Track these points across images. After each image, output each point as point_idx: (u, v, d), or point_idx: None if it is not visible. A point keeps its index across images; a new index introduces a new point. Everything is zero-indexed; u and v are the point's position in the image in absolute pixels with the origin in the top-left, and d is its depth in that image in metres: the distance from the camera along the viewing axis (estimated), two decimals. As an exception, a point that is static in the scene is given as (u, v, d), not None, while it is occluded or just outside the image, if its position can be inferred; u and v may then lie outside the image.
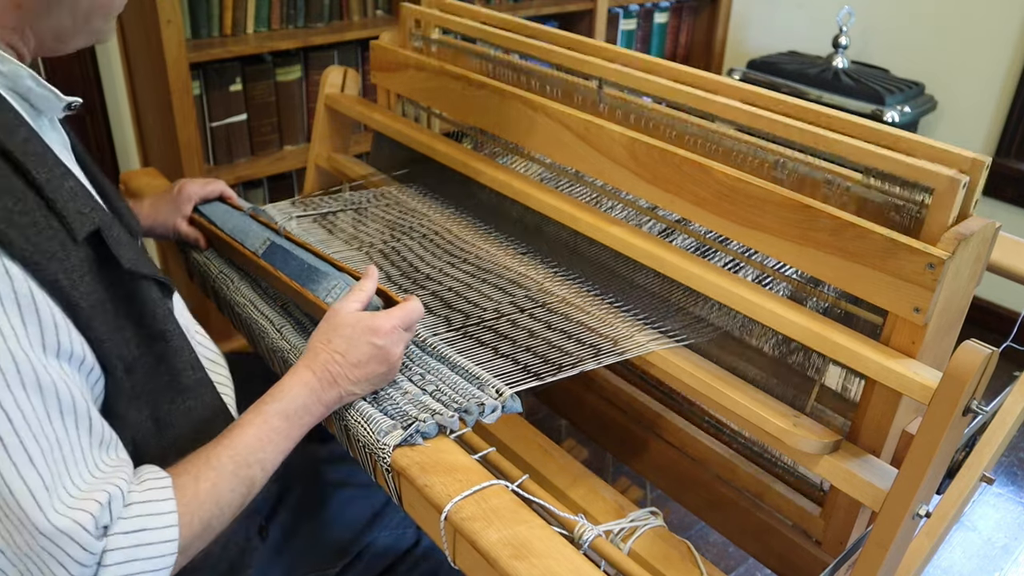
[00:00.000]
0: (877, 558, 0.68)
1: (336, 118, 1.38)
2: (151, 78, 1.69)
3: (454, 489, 0.71)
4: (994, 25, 2.09)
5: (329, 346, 0.76)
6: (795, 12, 2.49)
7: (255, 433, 0.70)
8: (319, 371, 0.75)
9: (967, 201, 0.73)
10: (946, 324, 0.77)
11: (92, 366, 0.63)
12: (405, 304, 0.81)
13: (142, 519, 0.60)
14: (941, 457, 0.64)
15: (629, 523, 0.83)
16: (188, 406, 0.73)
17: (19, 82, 0.64)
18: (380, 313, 0.79)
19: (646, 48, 2.58)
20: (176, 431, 0.72)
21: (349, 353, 0.76)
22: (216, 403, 0.77)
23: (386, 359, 0.78)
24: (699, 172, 0.88)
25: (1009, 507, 1.77)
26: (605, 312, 0.94)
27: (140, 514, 0.60)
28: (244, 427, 0.70)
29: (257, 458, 0.69)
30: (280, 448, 0.72)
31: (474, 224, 1.15)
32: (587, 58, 1.02)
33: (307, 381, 0.75)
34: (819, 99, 2.13)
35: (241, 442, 0.69)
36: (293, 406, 0.73)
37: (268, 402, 0.73)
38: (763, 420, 0.80)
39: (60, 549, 0.56)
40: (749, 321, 0.86)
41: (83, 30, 0.68)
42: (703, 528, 1.64)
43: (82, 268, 0.62)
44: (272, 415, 0.72)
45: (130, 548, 0.59)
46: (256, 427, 0.71)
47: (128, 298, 0.67)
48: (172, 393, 0.70)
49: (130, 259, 0.66)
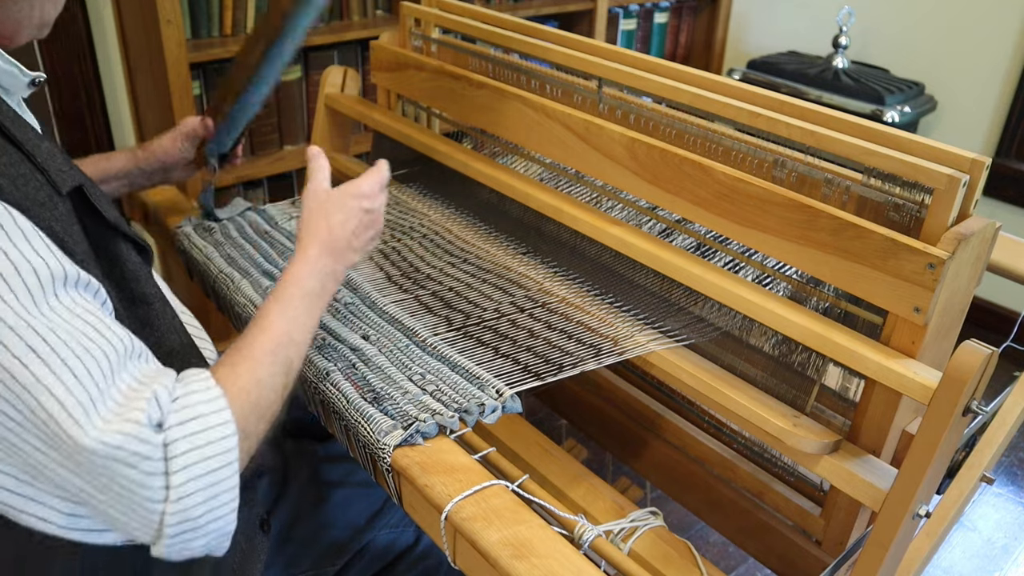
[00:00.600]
0: (877, 558, 0.68)
1: (336, 118, 1.38)
2: (151, 78, 1.69)
3: (454, 489, 0.71)
4: (994, 25, 2.09)
5: (328, 221, 0.78)
6: (795, 12, 2.49)
7: (281, 318, 0.71)
8: (325, 248, 0.77)
9: (967, 201, 0.73)
10: (946, 324, 0.77)
11: (98, 288, 0.64)
12: (374, 168, 0.85)
13: (193, 408, 0.61)
14: (941, 457, 0.64)
15: (629, 523, 0.83)
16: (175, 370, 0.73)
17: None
18: (359, 179, 0.82)
19: (646, 48, 2.58)
20: None
21: (348, 222, 0.79)
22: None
23: (376, 222, 0.83)
24: (699, 172, 0.88)
25: (1009, 507, 1.77)
26: (605, 312, 0.94)
27: (189, 404, 0.61)
28: (269, 315, 0.71)
29: (290, 339, 0.71)
30: (308, 327, 0.73)
31: (474, 224, 1.15)
32: (587, 58, 1.02)
33: (317, 259, 0.76)
34: (819, 99, 2.13)
35: (270, 328, 0.70)
36: (310, 285, 0.75)
37: (285, 287, 0.74)
38: (763, 420, 0.80)
39: (124, 453, 0.57)
40: (749, 321, 0.86)
41: (36, 22, 0.69)
42: (703, 528, 1.64)
43: (70, 219, 0.63)
44: (294, 298, 0.73)
45: (191, 436, 0.59)
46: (280, 312, 0.72)
47: (110, 259, 0.68)
48: (158, 357, 0.70)
49: (113, 216, 0.67)
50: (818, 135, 0.80)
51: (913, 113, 2.09)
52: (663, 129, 0.95)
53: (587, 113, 1.01)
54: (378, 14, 2.00)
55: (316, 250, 0.77)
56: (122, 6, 1.72)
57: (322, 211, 0.79)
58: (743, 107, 0.86)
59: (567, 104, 1.05)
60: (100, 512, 0.60)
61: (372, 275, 1.04)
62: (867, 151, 0.77)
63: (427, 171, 1.26)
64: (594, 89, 1.02)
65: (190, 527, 0.60)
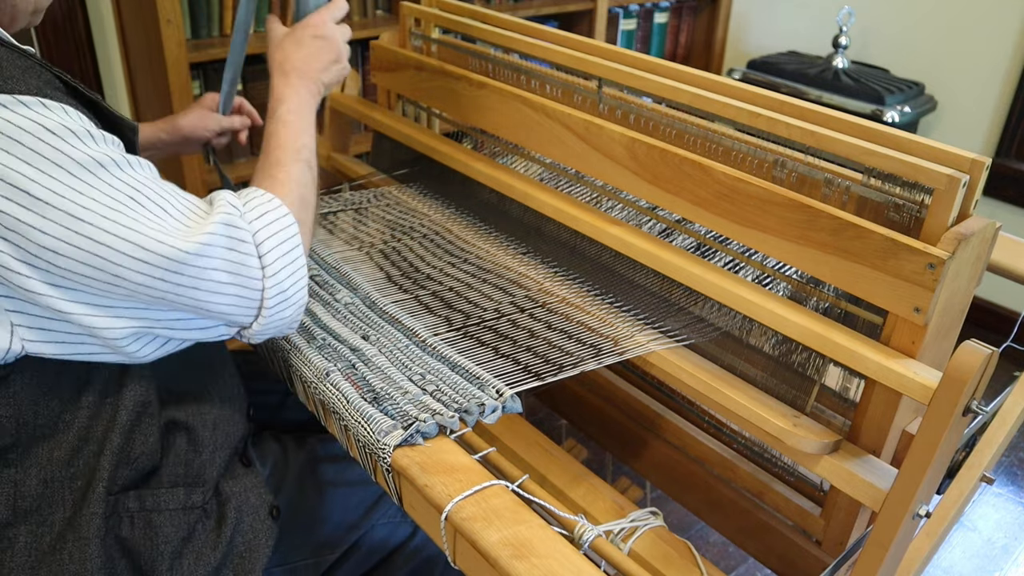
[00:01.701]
0: (877, 558, 0.68)
1: (336, 118, 1.38)
2: (151, 78, 1.69)
3: (454, 489, 0.71)
4: (994, 25, 2.09)
5: (287, 54, 0.93)
6: (795, 12, 2.49)
7: (286, 129, 0.85)
8: (294, 74, 0.91)
9: (967, 201, 0.73)
10: (946, 324, 0.77)
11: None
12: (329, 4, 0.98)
13: (259, 207, 0.74)
14: (941, 457, 0.64)
15: (629, 523, 0.83)
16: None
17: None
18: (309, 15, 0.96)
19: (646, 48, 2.58)
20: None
21: (301, 49, 0.93)
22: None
23: (332, 47, 0.95)
24: (699, 172, 0.88)
25: (1009, 507, 1.77)
26: (605, 312, 0.94)
27: (256, 206, 0.74)
28: (276, 133, 0.85)
29: (302, 143, 0.85)
30: (308, 132, 0.87)
31: (474, 224, 1.15)
32: (587, 58, 1.02)
33: (291, 83, 0.90)
34: (819, 99, 2.13)
35: (283, 140, 0.84)
36: (296, 102, 0.89)
37: (276, 110, 0.88)
38: (763, 420, 0.80)
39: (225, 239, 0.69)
40: (749, 321, 0.86)
41: (32, 7, 0.75)
42: (703, 528, 1.64)
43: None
44: (287, 115, 0.87)
45: (267, 226, 0.73)
46: (282, 127, 0.86)
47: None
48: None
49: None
50: (818, 135, 0.80)
51: (913, 113, 2.09)
52: (663, 129, 0.95)
53: (587, 113, 1.01)
54: (378, 14, 2.00)
55: (286, 77, 0.91)
56: (122, 6, 1.72)
57: (283, 48, 0.94)
58: (743, 107, 0.86)
59: (567, 104, 1.05)
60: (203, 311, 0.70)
61: (372, 275, 1.04)
62: (867, 151, 0.77)
63: (427, 171, 1.26)
64: (594, 89, 1.02)
65: (283, 298, 0.73)
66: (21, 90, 0.63)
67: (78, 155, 0.63)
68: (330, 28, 0.96)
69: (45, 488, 0.73)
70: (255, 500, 0.85)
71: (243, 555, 0.82)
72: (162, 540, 0.77)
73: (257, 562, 0.83)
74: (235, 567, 0.82)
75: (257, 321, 0.73)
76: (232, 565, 0.82)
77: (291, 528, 0.91)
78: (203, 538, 0.80)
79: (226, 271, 0.69)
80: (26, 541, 0.72)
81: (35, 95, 0.63)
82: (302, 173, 0.82)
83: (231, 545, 0.81)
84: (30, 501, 0.72)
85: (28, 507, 0.72)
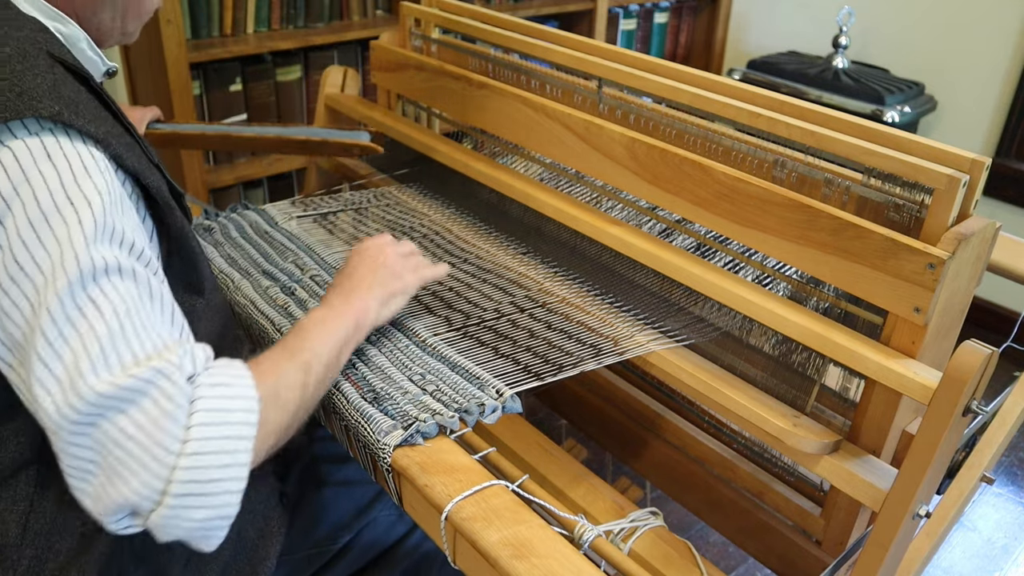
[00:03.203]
0: (877, 558, 0.68)
1: (336, 118, 1.38)
2: (151, 78, 1.69)
3: (454, 489, 0.71)
4: (994, 25, 2.09)
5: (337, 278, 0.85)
6: (795, 12, 2.49)
7: (296, 331, 0.75)
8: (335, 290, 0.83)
9: (967, 201, 0.73)
10: (946, 324, 0.77)
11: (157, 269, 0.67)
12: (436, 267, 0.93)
13: (223, 376, 0.63)
14: (941, 457, 0.64)
15: (629, 523, 0.83)
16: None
17: (76, 44, 0.71)
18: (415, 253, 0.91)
19: (646, 48, 2.58)
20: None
21: (343, 272, 0.85)
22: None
23: (375, 259, 0.85)
24: (699, 172, 0.88)
25: (1009, 507, 1.77)
26: (605, 312, 0.94)
27: (220, 373, 0.63)
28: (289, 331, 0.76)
29: (307, 346, 0.73)
30: (326, 344, 0.75)
31: (474, 224, 1.15)
32: (587, 58, 1.02)
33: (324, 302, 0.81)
34: (819, 99, 2.13)
35: (287, 338, 0.74)
36: (332, 317, 0.78)
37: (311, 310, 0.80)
38: (763, 420, 0.80)
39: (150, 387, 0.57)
40: (749, 321, 0.86)
41: (119, 30, 0.76)
42: (703, 528, 1.64)
43: (162, 184, 0.71)
44: (308, 320, 0.77)
45: (218, 398, 0.61)
46: (297, 327, 0.76)
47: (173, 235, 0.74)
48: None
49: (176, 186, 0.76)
50: (818, 135, 0.80)
51: (913, 113, 2.09)
52: (663, 129, 0.95)
53: (587, 113, 1.01)
54: (378, 14, 2.00)
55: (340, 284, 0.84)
56: (122, 6, 1.72)
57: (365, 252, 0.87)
58: (743, 107, 0.86)
59: (567, 104, 1.05)
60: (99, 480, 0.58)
61: (372, 275, 1.04)
62: (867, 151, 0.77)
63: (427, 171, 1.26)
64: (594, 89, 1.02)
65: (198, 490, 0.59)
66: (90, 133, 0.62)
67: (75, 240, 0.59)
68: (377, 244, 0.88)
69: (58, 512, 0.70)
70: (264, 488, 0.85)
71: (256, 543, 0.82)
72: (176, 543, 0.76)
73: (271, 548, 0.83)
74: (249, 556, 0.82)
75: (158, 511, 0.58)
76: (246, 554, 0.82)
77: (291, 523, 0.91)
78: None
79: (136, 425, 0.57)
80: (28, 565, 0.70)
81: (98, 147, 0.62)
82: (291, 373, 0.70)
83: (242, 534, 0.81)
84: (43, 523, 0.70)
85: (39, 529, 0.70)
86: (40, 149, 0.59)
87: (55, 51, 0.65)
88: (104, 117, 0.66)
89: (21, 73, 0.61)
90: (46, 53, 0.64)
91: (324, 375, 0.74)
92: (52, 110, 0.60)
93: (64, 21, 0.69)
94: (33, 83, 0.61)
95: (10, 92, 0.59)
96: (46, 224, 0.58)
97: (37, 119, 0.60)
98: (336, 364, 0.77)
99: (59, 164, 0.60)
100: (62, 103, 0.61)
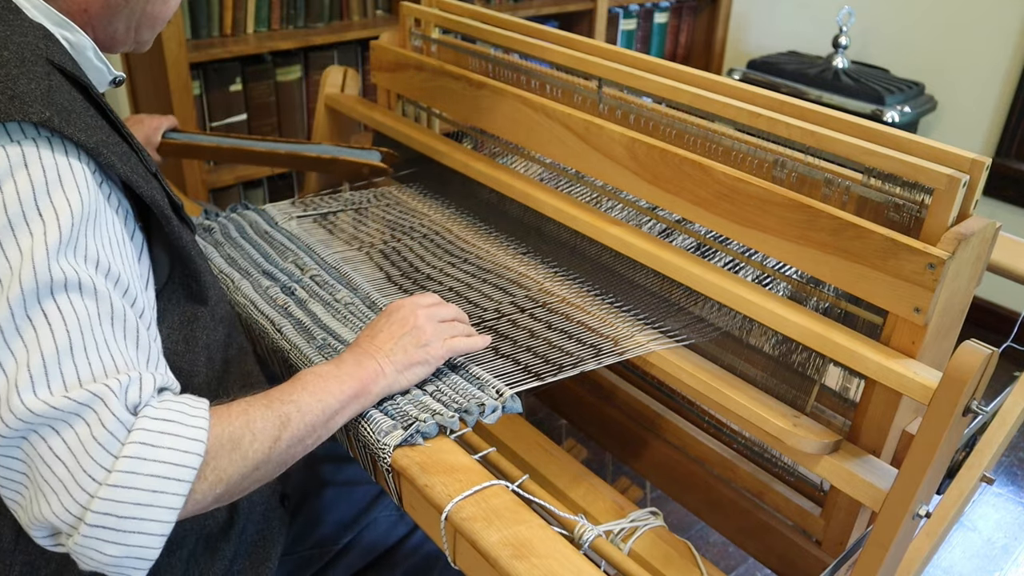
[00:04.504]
0: (877, 558, 0.68)
1: (336, 118, 1.38)
2: (151, 78, 1.69)
3: (454, 489, 0.71)
4: (994, 25, 2.09)
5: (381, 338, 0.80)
6: (795, 12, 2.49)
7: (291, 383, 0.71)
8: (347, 351, 0.79)
9: (967, 201, 0.73)
10: (946, 324, 0.77)
11: (132, 293, 0.65)
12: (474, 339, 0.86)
13: (174, 411, 0.59)
14: (941, 457, 0.64)
15: (629, 523, 0.83)
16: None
17: (83, 52, 0.70)
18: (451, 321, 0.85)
19: (646, 48, 2.58)
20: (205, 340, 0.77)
21: (368, 330, 0.81)
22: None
23: (403, 321, 0.81)
24: (699, 172, 0.88)
25: (1009, 507, 1.77)
26: (605, 312, 0.94)
27: (173, 408, 0.59)
28: (286, 382, 0.72)
29: (294, 398, 0.69)
30: (320, 399, 0.71)
31: (474, 224, 1.15)
32: (587, 58, 1.02)
33: (336, 359, 0.78)
34: (819, 99, 2.13)
35: (277, 388, 0.70)
36: (323, 369, 0.74)
37: (317, 365, 0.76)
38: (763, 420, 0.80)
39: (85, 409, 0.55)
40: (749, 321, 0.86)
41: (132, 39, 0.76)
42: (703, 528, 1.64)
43: (162, 195, 0.71)
44: (309, 374, 0.73)
45: (160, 434, 0.57)
46: (294, 378, 0.72)
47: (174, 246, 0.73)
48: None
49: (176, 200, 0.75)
50: (818, 135, 0.80)
51: (913, 113, 2.09)
52: (663, 129, 0.95)
53: (587, 113, 1.01)
54: (378, 14, 2.00)
55: (358, 346, 0.80)
56: (122, 6, 1.72)
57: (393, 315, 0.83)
58: (743, 107, 0.86)
59: (567, 104, 1.05)
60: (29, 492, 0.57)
61: (372, 275, 1.04)
62: (867, 151, 0.77)
63: (427, 171, 1.26)
64: (594, 89, 1.02)
65: (113, 524, 0.55)
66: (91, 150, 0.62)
67: (46, 248, 0.57)
68: (409, 307, 0.83)
69: None
70: (264, 489, 0.85)
71: (257, 544, 0.82)
72: (176, 544, 0.76)
73: (272, 549, 0.83)
74: (251, 556, 0.82)
75: (74, 538, 0.55)
76: (247, 555, 0.82)
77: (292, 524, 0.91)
78: (216, 532, 0.79)
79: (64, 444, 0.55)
80: (21, 571, 0.70)
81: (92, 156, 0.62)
82: (262, 422, 0.65)
83: (243, 535, 0.81)
84: None
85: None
86: (18, 156, 0.59)
87: (56, 58, 0.65)
88: (99, 126, 0.65)
89: (16, 77, 0.60)
90: (45, 59, 0.64)
91: (305, 435, 0.69)
92: (42, 115, 0.59)
93: (72, 29, 0.69)
94: (27, 88, 0.60)
95: (2, 95, 0.59)
96: (10, 232, 0.57)
97: (23, 125, 0.59)
98: (325, 427, 0.71)
99: (34, 173, 0.59)
100: (53, 109, 0.60)
